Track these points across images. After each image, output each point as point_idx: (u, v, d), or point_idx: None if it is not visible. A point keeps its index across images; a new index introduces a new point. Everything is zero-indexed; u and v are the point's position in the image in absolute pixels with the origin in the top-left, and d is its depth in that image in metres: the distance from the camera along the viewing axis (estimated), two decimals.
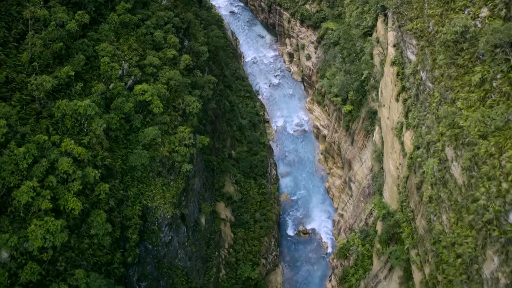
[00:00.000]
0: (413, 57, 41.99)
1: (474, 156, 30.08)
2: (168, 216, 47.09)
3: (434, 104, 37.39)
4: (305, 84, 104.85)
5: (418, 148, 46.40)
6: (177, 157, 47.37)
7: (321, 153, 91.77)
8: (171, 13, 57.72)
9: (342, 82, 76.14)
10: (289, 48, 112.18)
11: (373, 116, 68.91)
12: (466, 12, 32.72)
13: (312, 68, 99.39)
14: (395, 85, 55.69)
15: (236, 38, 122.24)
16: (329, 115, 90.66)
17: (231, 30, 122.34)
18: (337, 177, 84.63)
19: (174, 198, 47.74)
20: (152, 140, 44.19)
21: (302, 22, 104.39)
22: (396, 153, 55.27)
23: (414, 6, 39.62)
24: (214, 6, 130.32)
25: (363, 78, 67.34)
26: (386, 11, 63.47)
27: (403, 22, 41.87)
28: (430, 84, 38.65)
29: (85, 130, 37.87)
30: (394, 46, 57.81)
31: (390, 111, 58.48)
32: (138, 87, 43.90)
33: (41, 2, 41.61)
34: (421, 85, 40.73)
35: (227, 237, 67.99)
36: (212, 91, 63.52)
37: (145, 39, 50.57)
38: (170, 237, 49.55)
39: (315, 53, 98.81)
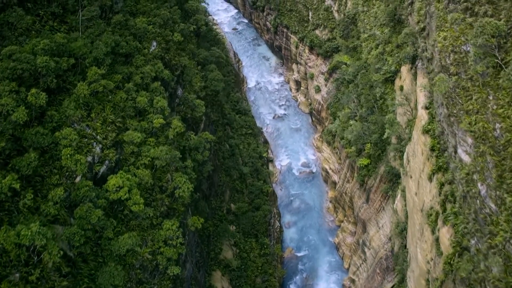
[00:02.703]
0: (466, 158, 32.47)
1: None
2: None
3: (499, 238, 28.16)
4: (313, 119, 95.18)
5: (460, 255, 37.40)
6: (162, 260, 38.02)
7: (330, 201, 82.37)
8: (160, 64, 48.03)
9: (358, 132, 66.55)
10: (296, 75, 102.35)
11: (394, 179, 59.45)
12: None
13: (321, 102, 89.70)
14: (428, 159, 46.28)
15: (239, 60, 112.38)
16: (340, 159, 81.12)
17: (234, 51, 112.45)
18: (348, 233, 75.30)
19: None
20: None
21: (311, 49, 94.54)
22: (427, 244, 45.92)
23: (474, 97, 30.02)
24: (216, 21, 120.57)
25: (385, 136, 57.74)
26: (415, 61, 53.98)
27: (455, 111, 32.30)
28: (493, 206, 29.24)
29: (35, 260, 28.47)
30: (427, 109, 48.45)
31: (420, 188, 49.06)
32: (111, 182, 34.38)
33: None
34: (476, 198, 31.30)
35: None
36: (209, 151, 53.97)
37: (125, 106, 40.94)
38: None
39: (326, 86, 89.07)
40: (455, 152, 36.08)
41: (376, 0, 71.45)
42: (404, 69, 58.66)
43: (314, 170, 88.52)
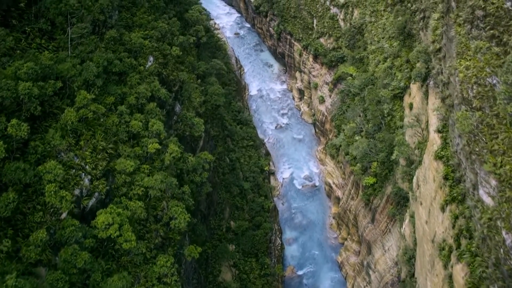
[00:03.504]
0: (488, 201, 29.58)
1: None
2: None
3: None
4: (317, 130, 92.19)
5: None
6: None
7: (333, 217, 79.52)
8: (157, 82, 45.15)
9: (364, 149, 63.61)
10: (299, 84, 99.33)
11: (402, 201, 56.56)
12: None
13: (325, 114, 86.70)
14: (440, 187, 43.33)
15: (241, 67, 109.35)
16: (344, 174, 78.16)
17: (236, 57, 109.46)
18: (352, 252, 72.45)
19: None
20: None
21: (315, 58, 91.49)
22: (438, 279, 43.06)
23: (500, 137, 27.11)
24: (218, 25, 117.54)
25: (393, 157, 54.81)
26: (426, 79, 51.00)
27: (477, 149, 29.41)
28: None
29: None
30: (440, 132, 45.54)
31: (431, 217, 46.18)
32: (100, 219, 31.58)
33: None
34: (500, 247, 28.46)
35: None
36: (208, 171, 51.13)
37: (117, 131, 38.06)
38: None
39: (330, 96, 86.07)
40: (474, 189, 33.22)
41: (385, 11, 68.41)
42: (414, 86, 55.70)
43: (317, 184, 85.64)
